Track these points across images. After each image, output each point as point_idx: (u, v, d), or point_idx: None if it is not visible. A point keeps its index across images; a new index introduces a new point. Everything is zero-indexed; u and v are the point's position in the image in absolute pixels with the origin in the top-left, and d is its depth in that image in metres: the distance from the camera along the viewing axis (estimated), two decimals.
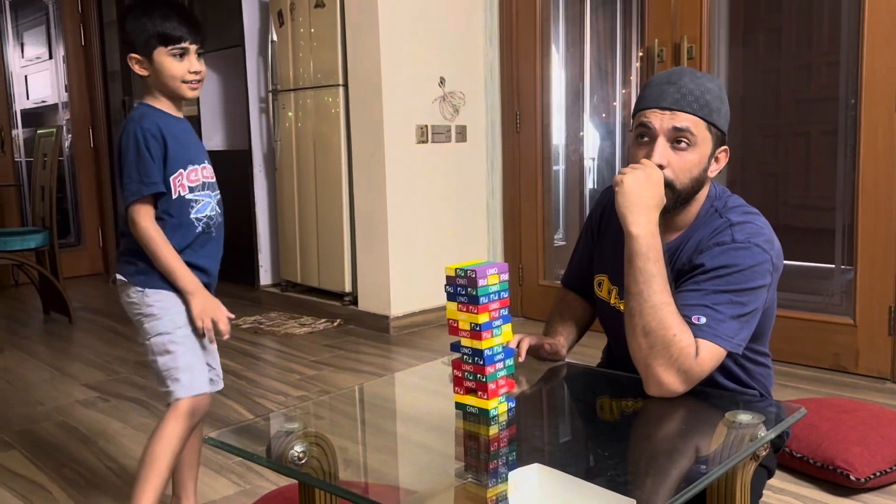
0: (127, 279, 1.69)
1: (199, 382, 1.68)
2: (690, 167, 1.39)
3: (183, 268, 1.65)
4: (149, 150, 1.62)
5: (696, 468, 1.12)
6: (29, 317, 4.46)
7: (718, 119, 1.40)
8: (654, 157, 1.38)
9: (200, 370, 1.69)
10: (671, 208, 1.41)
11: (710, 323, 1.32)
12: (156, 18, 1.62)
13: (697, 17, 3.17)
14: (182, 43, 1.63)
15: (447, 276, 1.29)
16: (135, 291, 1.68)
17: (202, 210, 1.70)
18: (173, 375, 1.65)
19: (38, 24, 5.86)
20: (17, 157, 5.57)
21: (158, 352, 1.67)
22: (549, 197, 3.97)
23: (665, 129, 1.38)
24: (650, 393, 1.33)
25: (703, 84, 1.39)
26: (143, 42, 1.63)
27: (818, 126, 3.98)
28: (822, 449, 1.99)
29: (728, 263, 1.35)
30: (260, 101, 4.56)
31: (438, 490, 1.16)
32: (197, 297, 1.65)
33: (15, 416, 2.73)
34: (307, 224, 4.19)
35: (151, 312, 1.67)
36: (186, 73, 1.65)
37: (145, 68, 1.66)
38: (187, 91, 1.67)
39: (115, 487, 2.11)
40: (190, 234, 1.68)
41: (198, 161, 1.71)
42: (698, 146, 1.38)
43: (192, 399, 1.66)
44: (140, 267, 1.67)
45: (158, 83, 1.67)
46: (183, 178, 1.67)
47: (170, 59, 1.63)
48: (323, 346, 3.57)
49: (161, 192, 1.65)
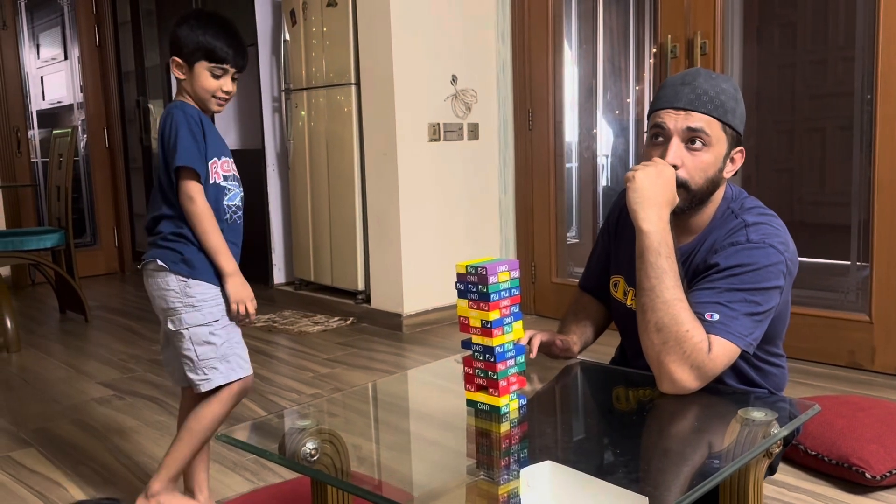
0: (168, 267, 1.71)
1: (239, 367, 1.75)
2: (705, 167, 1.38)
3: (227, 249, 1.71)
4: (194, 134, 1.69)
5: (708, 465, 1.12)
6: (45, 316, 4.50)
7: (733, 119, 1.40)
8: (668, 157, 1.37)
9: (239, 355, 1.75)
10: (686, 209, 1.41)
11: (724, 320, 1.31)
12: (209, 34, 1.70)
13: (711, 13, 3.15)
14: (224, 64, 1.72)
15: (458, 273, 1.29)
16: (176, 280, 1.71)
17: (233, 199, 1.77)
18: (212, 365, 1.72)
19: (54, 26, 5.90)
20: (33, 157, 5.62)
21: (197, 342, 1.72)
22: (561, 195, 3.96)
23: (679, 129, 1.38)
24: (663, 390, 1.33)
25: (718, 84, 1.39)
26: (190, 51, 1.70)
27: (833, 121, 3.95)
28: (837, 446, 1.97)
29: (743, 263, 1.34)
30: (273, 101, 4.58)
31: (450, 487, 1.17)
32: (235, 280, 1.71)
33: (31, 413, 2.76)
34: (320, 223, 4.20)
35: (192, 303, 1.71)
36: (218, 90, 1.73)
37: (184, 73, 1.73)
38: (214, 105, 1.76)
39: (131, 484, 2.13)
40: (222, 220, 1.74)
41: (226, 154, 1.78)
42: (713, 146, 1.38)
43: (236, 383, 1.74)
44: (185, 256, 1.70)
45: (190, 89, 1.74)
46: (217, 167, 1.74)
47: (207, 74, 1.71)
48: (336, 344, 3.58)
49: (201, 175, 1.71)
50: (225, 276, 1.70)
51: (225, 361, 1.72)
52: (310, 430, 1.26)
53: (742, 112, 1.42)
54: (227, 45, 1.71)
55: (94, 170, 5.91)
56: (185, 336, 1.72)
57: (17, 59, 5.40)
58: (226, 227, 1.74)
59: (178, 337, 1.74)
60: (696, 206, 1.43)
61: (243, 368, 1.76)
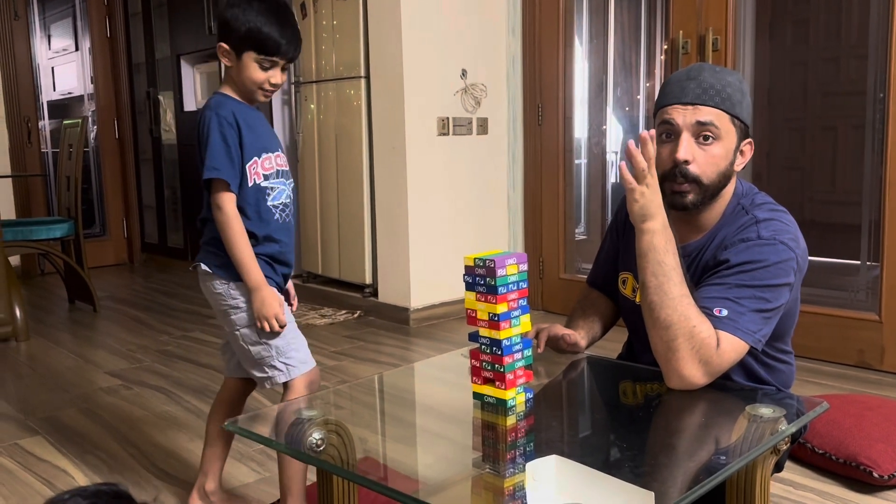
0: (211, 270, 1.69)
1: (302, 362, 1.70)
2: (717, 161, 1.38)
3: (253, 262, 1.63)
4: (225, 139, 1.62)
5: (715, 461, 1.12)
6: (54, 305, 4.52)
7: (741, 111, 1.39)
8: (679, 152, 1.37)
9: (298, 349, 1.71)
10: (699, 204, 1.40)
11: (732, 315, 1.31)
12: (261, 21, 1.59)
13: (723, 9, 3.13)
14: (274, 56, 1.62)
15: (466, 265, 1.29)
16: (220, 283, 1.69)
17: (278, 197, 1.70)
18: (269, 363, 1.68)
19: (65, 17, 5.92)
20: (44, 147, 5.64)
21: (250, 342, 1.68)
22: (570, 190, 3.95)
23: (688, 123, 1.37)
24: (671, 386, 1.32)
25: (724, 78, 1.38)
26: (239, 39, 1.60)
27: (846, 120, 3.92)
28: (845, 445, 1.96)
29: (752, 259, 1.34)
30: (283, 94, 4.58)
31: (456, 479, 1.16)
32: (258, 294, 1.63)
33: (40, 402, 2.77)
34: (328, 216, 4.20)
35: (238, 305, 1.68)
36: (266, 82, 1.64)
37: (230, 60, 1.64)
38: (260, 96, 1.67)
39: (137, 473, 2.14)
40: (269, 221, 1.68)
41: (272, 149, 1.70)
42: (723, 139, 1.37)
43: (301, 377, 1.70)
44: (224, 259, 1.66)
45: (238, 79, 1.65)
46: (258, 167, 1.66)
47: (255, 66, 1.62)
48: (343, 337, 3.58)
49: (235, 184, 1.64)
50: (249, 289, 1.64)
51: (284, 358, 1.68)
52: (316, 421, 1.27)
53: (748, 104, 1.41)
54: (279, 35, 1.59)
55: (103, 161, 5.93)
56: (238, 337, 1.70)
57: (29, 49, 5.42)
58: (277, 227, 1.69)
59: (233, 339, 1.72)
60: (708, 202, 1.42)
61: (305, 363, 1.71)
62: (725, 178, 1.41)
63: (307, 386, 1.71)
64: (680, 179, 1.38)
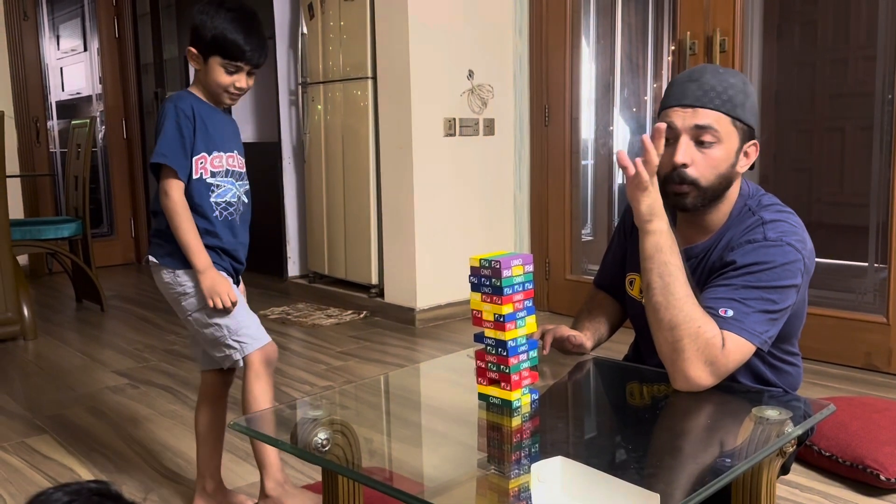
0: (158, 261, 1.75)
1: (253, 338, 1.75)
2: (716, 164, 1.37)
3: (199, 245, 1.69)
4: (180, 129, 1.68)
5: (721, 463, 1.11)
6: (62, 304, 4.54)
7: (743, 113, 1.38)
8: (677, 156, 1.37)
9: (249, 326, 1.75)
10: (699, 206, 1.40)
11: (738, 316, 1.30)
12: (226, 27, 1.65)
13: (731, 10, 3.12)
14: (238, 62, 1.68)
15: (471, 266, 1.29)
16: (167, 273, 1.75)
17: (222, 195, 1.74)
18: (224, 342, 1.74)
19: (74, 17, 5.94)
20: (52, 147, 5.66)
21: (202, 325, 1.74)
22: (577, 191, 3.95)
23: (687, 126, 1.37)
24: (677, 387, 1.32)
25: (726, 79, 1.37)
26: (206, 44, 1.67)
27: (853, 121, 3.91)
28: (852, 448, 1.96)
29: (759, 261, 1.33)
30: (290, 94, 4.58)
31: (461, 480, 1.16)
32: (206, 275, 1.69)
33: (47, 401, 2.78)
34: (335, 216, 4.21)
35: (185, 291, 1.74)
36: (231, 86, 1.71)
37: (198, 64, 1.71)
38: (225, 99, 1.74)
39: (143, 472, 2.14)
40: (208, 217, 1.72)
41: (226, 149, 1.75)
42: (723, 142, 1.37)
43: (257, 352, 1.74)
44: (169, 248, 1.72)
45: (205, 81, 1.72)
46: (206, 162, 1.72)
47: (220, 70, 1.69)
48: (349, 337, 3.59)
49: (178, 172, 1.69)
50: (197, 272, 1.69)
51: (236, 336, 1.73)
52: (322, 421, 1.27)
53: (753, 104, 1.40)
54: (244, 41, 1.67)
55: (111, 161, 5.95)
56: (192, 322, 1.76)
57: (38, 49, 5.45)
58: (218, 224, 1.73)
59: (188, 325, 1.78)
60: (711, 204, 1.41)
61: (258, 339, 1.76)
62: (726, 181, 1.40)
63: (264, 361, 1.76)
64: (679, 181, 1.38)
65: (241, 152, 1.81)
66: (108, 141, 5.94)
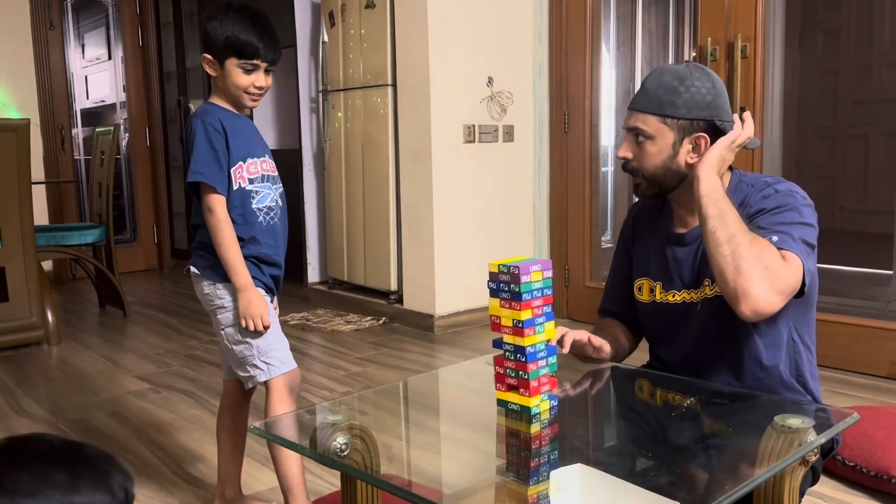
0: (199, 272, 1.76)
1: (281, 362, 1.74)
2: (651, 157, 1.48)
3: (241, 264, 1.69)
4: (212, 144, 1.68)
5: (742, 471, 1.10)
6: (85, 310, 4.59)
7: (673, 111, 1.45)
8: (619, 151, 1.52)
9: (278, 349, 1.75)
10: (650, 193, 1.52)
11: (785, 240, 1.34)
12: (237, 28, 1.66)
13: (752, 16, 3.10)
14: (254, 60, 1.68)
15: (490, 272, 1.29)
16: (207, 284, 1.75)
17: (262, 200, 1.75)
18: (251, 362, 1.74)
19: (99, 26, 6.02)
20: (77, 154, 5.73)
21: (233, 341, 1.74)
22: (596, 198, 3.93)
23: (628, 127, 1.51)
24: (742, 311, 1.29)
25: (661, 79, 1.47)
26: (219, 48, 1.68)
27: (877, 128, 3.87)
28: (876, 458, 1.93)
29: (781, 204, 1.41)
30: (311, 101, 4.61)
31: (479, 487, 1.16)
32: (245, 294, 1.69)
33: (70, 405, 2.81)
34: (354, 223, 4.23)
35: (223, 304, 1.74)
36: (251, 86, 1.70)
37: (215, 70, 1.71)
38: (247, 101, 1.73)
39: (164, 476, 2.16)
40: (254, 224, 1.73)
41: (258, 154, 1.76)
42: (655, 139, 1.47)
43: (281, 377, 1.74)
44: (211, 261, 1.73)
45: (224, 86, 1.72)
46: (243, 171, 1.72)
47: (238, 71, 1.69)
48: (368, 343, 3.59)
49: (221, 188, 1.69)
50: (236, 290, 1.69)
51: (265, 357, 1.73)
52: (341, 426, 1.27)
53: (690, 98, 1.44)
54: (256, 39, 1.67)
55: (135, 168, 6.02)
56: (223, 336, 1.76)
57: (63, 58, 5.52)
58: (261, 230, 1.74)
59: (219, 337, 1.78)
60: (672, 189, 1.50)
61: (285, 364, 1.75)
62: (670, 171, 1.48)
63: (288, 387, 1.75)
64: (630, 173, 1.53)
65: (271, 155, 1.81)
66: (132, 148, 6.01)
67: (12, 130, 3.40)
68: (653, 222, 1.61)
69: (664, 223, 1.57)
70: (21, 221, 3.49)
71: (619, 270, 1.69)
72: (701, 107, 1.45)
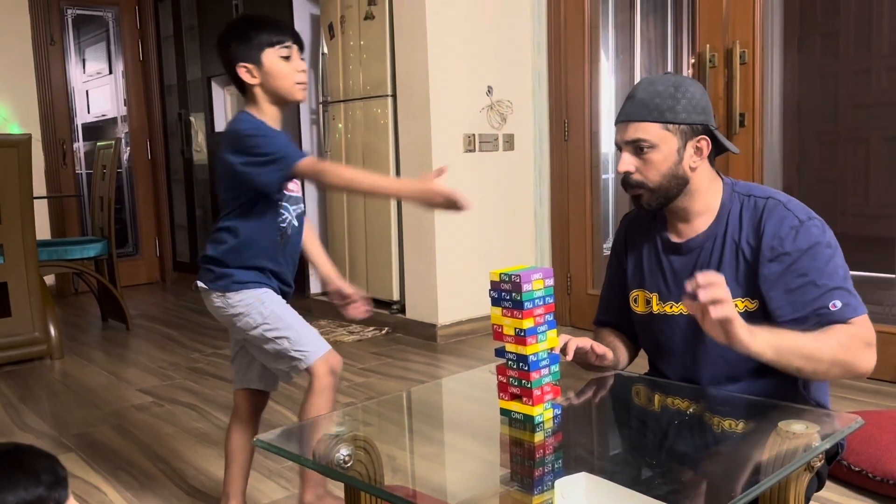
0: (207, 286, 1.75)
1: (315, 347, 1.74)
2: (656, 165, 1.45)
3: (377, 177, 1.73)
4: (269, 128, 1.67)
5: (747, 478, 1.10)
6: (88, 324, 4.59)
7: (673, 116, 1.44)
8: (619, 167, 1.48)
9: (309, 335, 1.76)
10: (655, 204, 1.47)
11: (840, 297, 1.37)
12: (259, 27, 1.67)
13: (750, 22, 3.11)
14: (287, 42, 1.67)
15: (492, 280, 1.29)
16: (217, 297, 1.74)
17: (284, 219, 1.75)
18: (287, 354, 1.74)
19: (99, 41, 6.05)
20: (78, 168, 5.75)
21: (263, 341, 1.74)
22: (597, 206, 3.93)
23: (624, 141, 1.47)
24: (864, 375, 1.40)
25: (653, 88, 1.45)
26: (251, 49, 1.66)
27: (878, 132, 3.87)
28: (882, 463, 1.92)
29: (812, 242, 1.39)
30: (311, 113, 4.63)
31: (483, 497, 1.16)
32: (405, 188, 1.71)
33: (73, 419, 2.81)
34: (356, 232, 4.23)
35: (238, 311, 1.73)
36: (295, 72, 1.68)
37: (255, 75, 1.67)
38: (298, 92, 1.70)
39: (168, 490, 2.15)
40: (273, 239, 1.73)
41: None
42: (659, 146, 1.45)
43: (321, 361, 1.73)
44: (216, 273, 1.73)
45: (270, 88, 1.68)
46: None
47: (280, 61, 1.67)
48: (371, 353, 3.59)
49: None
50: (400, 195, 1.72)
51: (299, 346, 1.73)
52: (344, 437, 1.27)
53: (687, 103, 1.44)
54: (279, 27, 1.68)
55: (136, 181, 6.03)
56: (251, 341, 1.76)
57: (64, 73, 5.55)
58: (275, 248, 1.73)
59: (248, 345, 1.79)
60: (675, 199, 1.47)
61: (320, 347, 1.75)
62: (675, 177, 1.46)
63: (328, 371, 1.74)
64: (631, 186, 1.49)
65: None
66: (133, 162, 6.03)
67: (14, 146, 3.41)
68: (645, 232, 1.59)
69: (658, 232, 1.56)
70: (23, 236, 3.49)
71: (614, 281, 1.68)
72: (698, 111, 1.45)
